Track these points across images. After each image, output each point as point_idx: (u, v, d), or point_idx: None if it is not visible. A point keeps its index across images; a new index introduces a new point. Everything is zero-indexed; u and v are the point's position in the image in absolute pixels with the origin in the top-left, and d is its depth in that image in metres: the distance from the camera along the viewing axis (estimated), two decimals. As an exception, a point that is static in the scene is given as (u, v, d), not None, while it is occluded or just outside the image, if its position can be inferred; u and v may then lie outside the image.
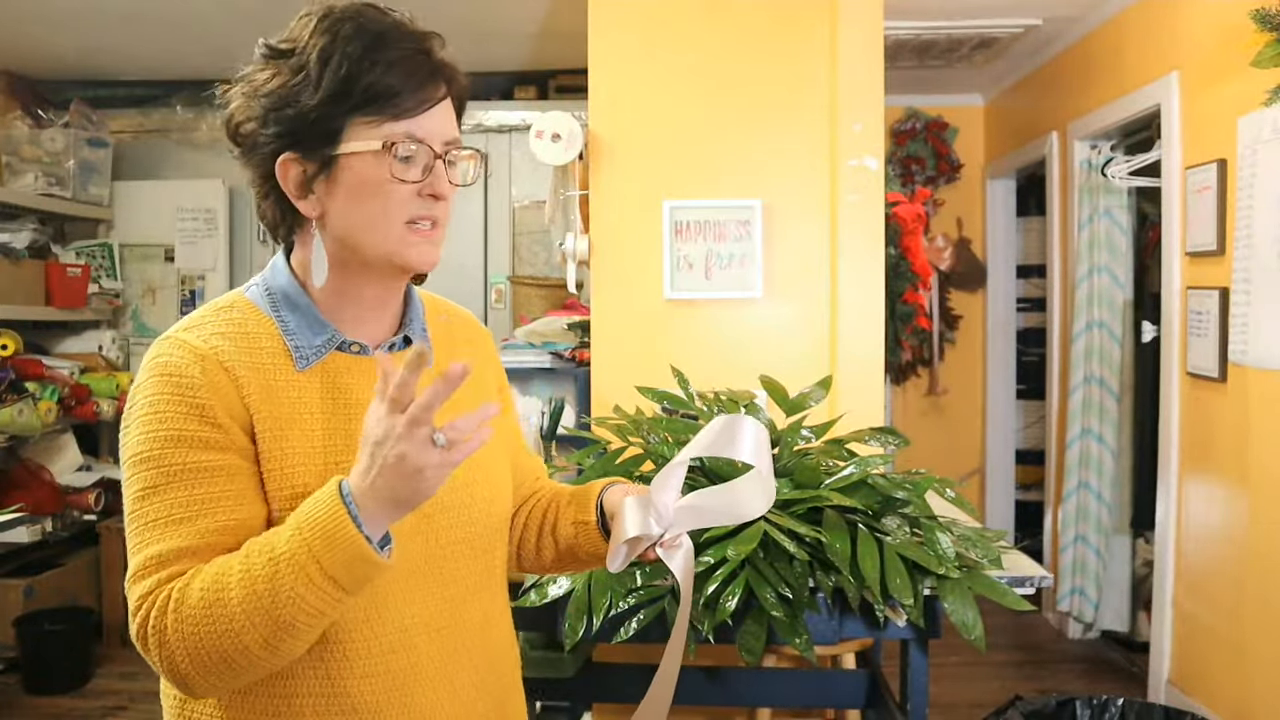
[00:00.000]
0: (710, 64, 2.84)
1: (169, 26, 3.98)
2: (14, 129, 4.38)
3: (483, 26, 4.01)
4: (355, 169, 1.05)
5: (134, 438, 1.03)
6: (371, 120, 1.05)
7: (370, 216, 1.07)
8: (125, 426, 1.05)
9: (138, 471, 1.01)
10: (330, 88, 1.04)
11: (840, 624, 1.99)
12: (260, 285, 1.14)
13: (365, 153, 1.05)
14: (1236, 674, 3.08)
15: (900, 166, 5.38)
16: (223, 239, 4.63)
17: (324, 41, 1.05)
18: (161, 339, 1.09)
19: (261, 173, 1.09)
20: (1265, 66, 2.62)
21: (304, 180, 1.07)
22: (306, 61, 1.05)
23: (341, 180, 1.06)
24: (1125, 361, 4.19)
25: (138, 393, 1.05)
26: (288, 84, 1.05)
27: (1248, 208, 2.95)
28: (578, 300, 3.43)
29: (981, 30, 4.15)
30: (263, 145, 1.07)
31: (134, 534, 1.01)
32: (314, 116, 1.04)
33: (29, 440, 4.12)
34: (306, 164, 1.06)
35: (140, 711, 3.70)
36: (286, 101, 1.05)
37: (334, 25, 1.06)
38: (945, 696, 3.57)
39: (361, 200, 1.06)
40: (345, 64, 1.04)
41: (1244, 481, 3.06)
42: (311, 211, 1.08)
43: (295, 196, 1.08)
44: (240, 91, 1.10)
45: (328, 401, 1.09)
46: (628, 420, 2.18)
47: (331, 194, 1.07)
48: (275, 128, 1.06)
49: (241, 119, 1.09)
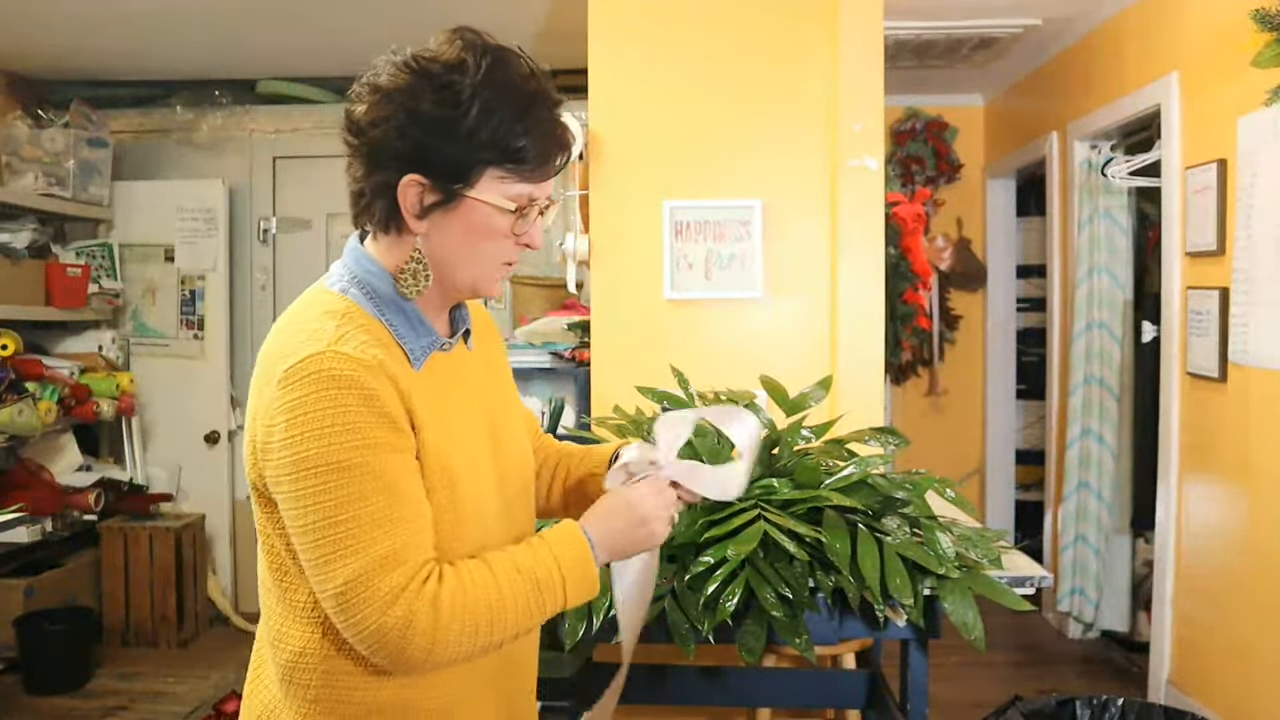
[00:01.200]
0: (710, 64, 2.84)
1: (169, 26, 3.98)
2: (14, 129, 4.38)
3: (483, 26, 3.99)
4: (479, 213, 1.15)
5: (322, 447, 1.06)
6: (506, 176, 1.14)
7: (476, 255, 1.17)
8: (298, 436, 1.07)
9: (337, 479, 1.06)
10: (483, 138, 1.11)
11: (840, 624, 1.99)
12: (357, 287, 1.18)
13: (493, 205, 1.14)
14: (1236, 674, 3.08)
15: (900, 166, 5.38)
16: (223, 239, 4.63)
17: (489, 90, 1.11)
18: (312, 355, 1.09)
19: (380, 179, 1.15)
20: (1265, 66, 2.62)
21: (423, 204, 1.14)
22: (466, 104, 1.11)
23: (460, 217, 1.15)
24: (1125, 361, 4.19)
25: (307, 404, 1.07)
26: (438, 115, 1.11)
27: (1248, 208, 2.95)
28: (578, 300, 3.43)
29: (981, 30, 4.15)
30: (392, 156, 1.13)
31: (348, 534, 1.06)
32: (455, 155, 1.12)
33: (29, 440, 4.12)
34: (431, 191, 1.13)
35: (140, 711, 3.70)
36: (433, 130, 1.11)
37: (499, 72, 1.13)
38: (945, 696, 3.57)
39: (475, 241, 1.16)
40: (504, 123, 1.12)
41: (1244, 481, 3.06)
42: (419, 230, 1.16)
43: (410, 215, 1.15)
44: (381, 99, 1.14)
45: (440, 395, 1.19)
46: (628, 420, 2.18)
47: (447, 224, 1.15)
48: (410, 147, 1.12)
49: (372, 120, 1.14)
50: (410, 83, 1.13)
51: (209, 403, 4.67)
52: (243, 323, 4.82)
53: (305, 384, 1.07)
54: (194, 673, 4.06)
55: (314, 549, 1.07)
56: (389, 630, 1.06)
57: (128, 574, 4.33)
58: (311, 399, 1.07)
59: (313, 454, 1.06)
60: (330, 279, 1.21)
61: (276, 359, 1.12)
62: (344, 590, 1.06)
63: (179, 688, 3.90)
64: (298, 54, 4.43)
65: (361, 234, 1.24)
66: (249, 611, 4.74)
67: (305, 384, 1.07)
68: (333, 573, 1.06)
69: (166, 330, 4.71)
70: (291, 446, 1.07)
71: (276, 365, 1.11)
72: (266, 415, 1.10)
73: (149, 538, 4.32)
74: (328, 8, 3.76)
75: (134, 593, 4.33)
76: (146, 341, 4.72)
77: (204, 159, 4.77)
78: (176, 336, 4.68)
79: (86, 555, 4.38)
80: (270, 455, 1.10)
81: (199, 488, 4.69)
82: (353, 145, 1.18)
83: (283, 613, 1.18)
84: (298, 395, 1.07)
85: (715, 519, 1.89)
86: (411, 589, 1.07)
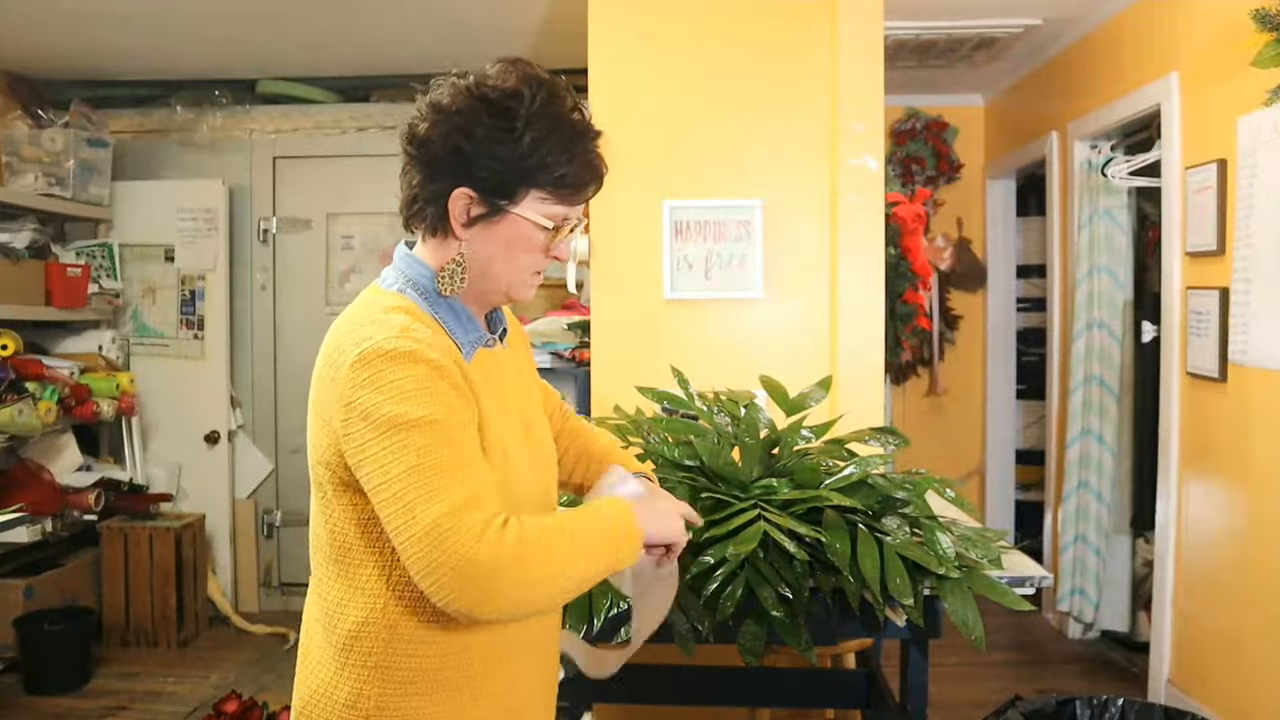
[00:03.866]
0: (710, 64, 2.84)
1: (169, 26, 3.98)
2: (14, 129, 4.38)
3: (483, 26, 4.01)
4: (519, 228, 1.29)
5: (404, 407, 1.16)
6: (546, 197, 1.28)
7: (512, 264, 1.31)
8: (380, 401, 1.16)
9: (419, 433, 1.16)
10: (532, 163, 1.25)
11: (840, 624, 1.99)
12: (411, 287, 1.30)
13: (533, 221, 1.28)
14: (1236, 674, 3.08)
15: (900, 166, 5.38)
16: (223, 239, 4.63)
17: (542, 120, 1.25)
18: (385, 338, 1.19)
19: (434, 188, 1.28)
20: (1265, 66, 2.61)
21: (470, 215, 1.28)
22: (520, 129, 1.24)
23: (503, 229, 1.29)
24: (1125, 361, 4.19)
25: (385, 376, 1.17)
26: (493, 137, 1.25)
27: (1248, 208, 2.95)
28: (578, 300, 3.43)
29: (981, 30, 4.15)
30: (445, 168, 1.26)
31: (434, 479, 1.15)
32: (504, 174, 1.26)
33: (29, 440, 4.12)
34: (478, 204, 1.27)
35: (140, 711, 3.70)
36: (488, 151, 1.25)
37: (551, 104, 1.27)
38: (945, 696, 3.57)
39: (513, 252, 1.30)
40: (551, 151, 1.26)
41: (1244, 481, 3.06)
42: (464, 236, 1.29)
43: (458, 224, 1.28)
44: (442, 117, 1.26)
45: (488, 385, 1.31)
46: (628, 420, 2.18)
47: (489, 235, 1.29)
48: (465, 164, 1.25)
49: (431, 135, 1.27)
50: (470, 105, 1.25)
51: (209, 403, 4.67)
52: (243, 323, 4.82)
53: (382, 361, 1.17)
54: (194, 673, 4.06)
55: (398, 499, 1.15)
56: (481, 561, 1.13)
57: (128, 574, 4.33)
58: (388, 371, 1.17)
59: (396, 413, 1.16)
60: (384, 282, 1.33)
61: (346, 348, 1.20)
62: (433, 527, 1.13)
63: (179, 688, 3.90)
64: (298, 54, 4.43)
65: (409, 243, 1.36)
66: (248, 611, 4.74)
67: (382, 361, 1.17)
68: (419, 515, 1.14)
69: (166, 330, 4.71)
70: (377, 410, 1.16)
71: (346, 353, 1.20)
72: (342, 398, 1.19)
73: (149, 538, 4.32)
74: (328, 8, 3.76)
75: (134, 593, 4.33)
76: (146, 341, 4.72)
77: (204, 159, 4.77)
78: (176, 336, 4.68)
79: (86, 555, 4.38)
80: (352, 429, 1.18)
81: (199, 488, 4.69)
82: (411, 155, 1.29)
83: (342, 590, 1.27)
84: (375, 370, 1.17)
85: (715, 519, 1.89)
86: (495, 524, 1.16)
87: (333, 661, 1.27)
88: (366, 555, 1.25)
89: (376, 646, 1.25)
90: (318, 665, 1.29)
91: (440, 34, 4.10)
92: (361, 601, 1.25)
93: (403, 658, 1.25)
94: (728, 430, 2.13)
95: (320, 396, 1.24)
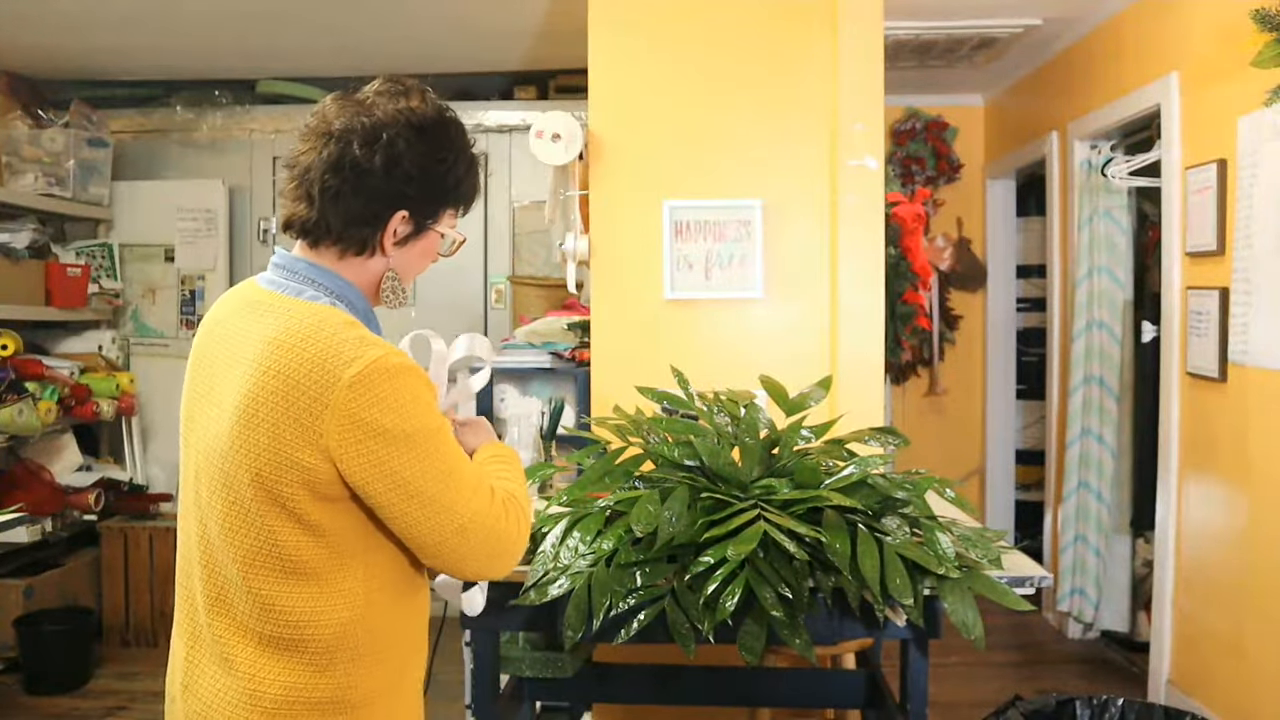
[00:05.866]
0: (710, 64, 2.84)
1: (169, 26, 3.98)
2: (14, 129, 4.37)
3: (483, 26, 4.01)
4: (430, 240, 1.45)
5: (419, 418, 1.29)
6: (455, 212, 1.47)
7: (416, 270, 1.48)
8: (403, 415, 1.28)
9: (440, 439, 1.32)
10: (460, 189, 1.43)
11: (840, 624, 1.99)
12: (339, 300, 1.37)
13: (440, 234, 1.45)
14: (1236, 674, 3.08)
15: (900, 166, 5.38)
16: (223, 239, 4.63)
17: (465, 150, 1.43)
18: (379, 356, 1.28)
19: (373, 210, 1.37)
20: (1265, 66, 2.61)
21: (397, 235, 1.40)
22: (453, 161, 1.40)
23: (420, 244, 1.44)
24: (1125, 361, 4.19)
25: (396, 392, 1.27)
26: (429, 168, 1.38)
27: (1248, 208, 2.95)
28: (578, 300, 3.43)
29: (981, 30, 4.15)
30: (386, 192, 1.36)
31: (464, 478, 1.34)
32: (439, 200, 1.42)
33: (29, 440, 4.12)
34: (410, 224, 1.40)
35: (140, 711, 3.70)
36: (427, 178, 1.38)
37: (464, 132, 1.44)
38: (945, 696, 3.57)
39: (423, 261, 1.47)
40: (472, 176, 1.46)
41: (1244, 481, 3.06)
42: (391, 253, 1.41)
43: (391, 242, 1.40)
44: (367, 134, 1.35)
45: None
46: (628, 420, 2.18)
47: (409, 248, 1.43)
48: (406, 188, 1.37)
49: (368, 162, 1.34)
50: (407, 133, 1.36)
51: (209, 403, 4.66)
52: (243, 323, 4.81)
53: (383, 377, 1.27)
54: (194, 673, 4.05)
55: (435, 502, 1.30)
56: (515, 534, 1.39)
57: (128, 574, 4.33)
58: (398, 386, 1.28)
59: (420, 425, 1.29)
60: (305, 294, 1.36)
61: (330, 369, 1.26)
62: (475, 517, 1.33)
63: (179, 688, 3.90)
64: (298, 54, 4.43)
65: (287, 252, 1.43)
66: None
67: (383, 377, 1.27)
68: (460, 509, 1.32)
69: (166, 330, 4.71)
70: (396, 426, 1.27)
71: (336, 373, 1.25)
72: (345, 416, 1.25)
73: (149, 538, 4.32)
74: (328, 8, 3.76)
75: (134, 593, 4.33)
76: (146, 341, 4.72)
77: (204, 159, 4.77)
78: (176, 336, 4.68)
79: (86, 555, 4.38)
80: (366, 446, 1.26)
81: (199, 488, 4.68)
82: (344, 178, 1.35)
83: (310, 600, 1.31)
84: (384, 388, 1.26)
85: (715, 519, 1.89)
86: (500, 499, 1.38)
87: (307, 667, 1.32)
88: (351, 560, 1.33)
89: (361, 642, 1.34)
90: (283, 671, 1.31)
91: (440, 34, 4.10)
92: (341, 605, 1.32)
93: (379, 647, 1.36)
94: (728, 430, 2.13)
95: (275, 417, 1.26)
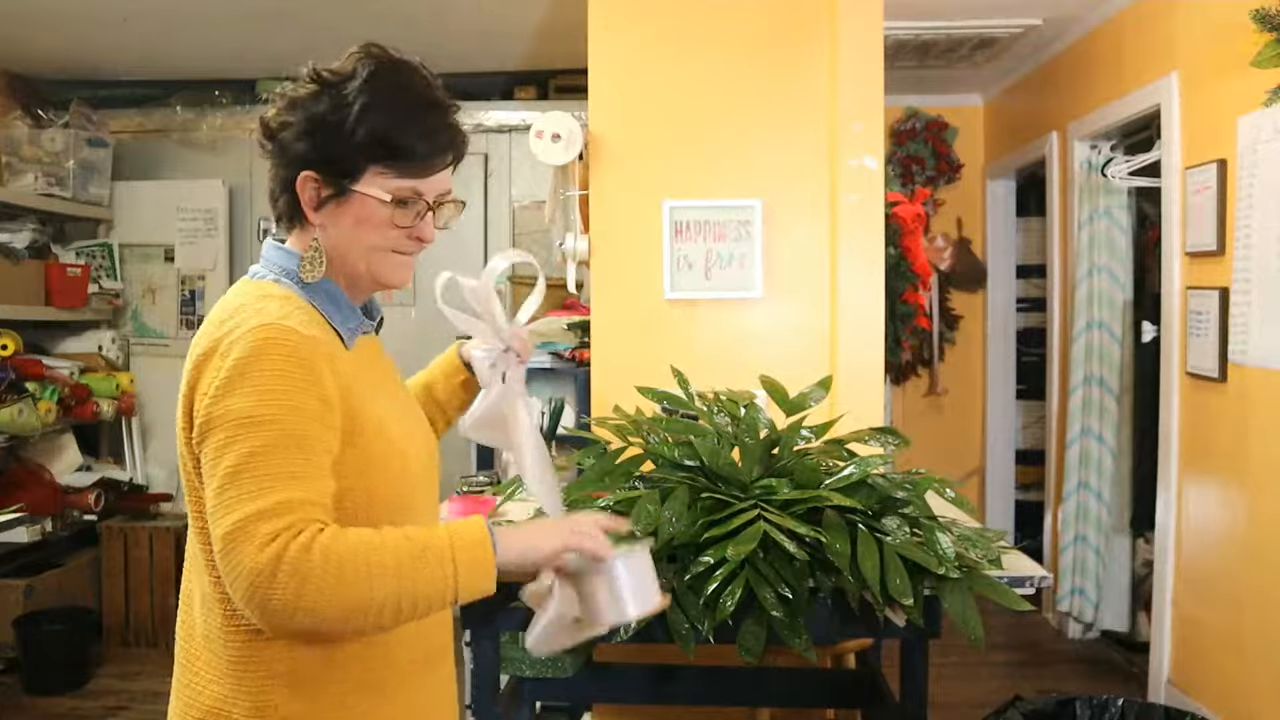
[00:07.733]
0: (710, 64, 2.84)
1: (169, 26, 3.98)
2: (14, 129, 4.38)
3: (483, 26, 4.01)
4: (364, 206, 1.26)
5: (247, 401, 1.13)
6: (386, 172, 1.25)
7: (363, 244, 1.28)
8: (228, 390, 1.14)
9: (253, 430, 1.12)
10: (364, 137, 1.23)
11: (840, 624, 1.99)
12: (285, 275, 1.28)
13: (375, 197, 1.25)
14: (1236, 674, 3.08)
15: (900, 166, 5.38)
16: (223, 239, 4.63)
17: (369, 94, 1.24)
18: (259, 325, 1.17)
19: (284, 176, 1.28)
20: (1265, 66, 2.62)
21: (318, 199, 1.27)
22: (350, 104, 1.24)
23: (350, 210, 1.27)
24: (1125, 361, 4.19)
25: (248, 363, 1.14)
26: (327, 116, 1.24)
27: (1248, 208, 2.95)
28: (578, 300, 3.43)
29: (981, 30, 4.15)
30: (291, 155, 1.26)
31: (250, 481, 1.11)
32: (341, 152, 1.24)
33: (29, 440, 4.12)
34: (324, 186, 1.26)
35: (140, 711, 3.70)
36: (322, 130, 1.24)
37: (382, 79, 1.25)
38: (945, 696, 3.57)
39: (362, 231, 1.27)
40: (383, 122, 1.24)
41: (1244, 481, 3.06)
42: (317, 221, 1.28)
43: (309, 208, 1.27)
44: (284, 102, 1.28)
45: (368, 373, 1.31)
46: (628, 420, 2.18)
47: (339, 217, 1.27)
48: (305, 147, 1.25)
49: (277, 125, 1.27)
50: (311, 91, 1.26)
51: (209, 403, 4.67)
52: (243, 323, 4.82)
53: (250, 348, 1.15)
54: (194, 673, 4.05)
55: (217, 495, 1.11)
56: (260, 570, 1.07)
57: (128, 574, 4.33)
58: (252, 360, 1.14)
59: (237, 408, 1.13)
60: (256, 274, 1.31)
61: (219, 337, 1.18)
62: (230, 532, 1.09)
63: (179, 688, 3.90)
64: (298, 54, 4.41)
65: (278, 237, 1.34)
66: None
67: (250, 348, 1.15)
68: (226, 518, 1.10)
69: (166, 330, 4.71)
70: (221, 402, 1.13)
71: (220, 341, 1.17)
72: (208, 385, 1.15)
73: (149, 538, 4.32)
74: (328, 8, 3.76)
75: (134, 593, 4.33)
76: (146, 341, 4.72)
77: (204, 159, 4.77)
78: (176, 336, 4.69)
79: (86, 555, 4.38)
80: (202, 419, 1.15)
81: (199, 488, 4.69)
82: (266, 149, 1.30)
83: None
84: (240, 356, 1.14)
85: (715, 519, 1.89)
86: (289, 533, 1.09)
87: (227, 676, 1.19)
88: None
89: (279, 653, 1.19)
90: (209, 682, 1.21)
91: (440, 34, 4.10)
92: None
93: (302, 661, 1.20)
94: (728, 430, 2.13)
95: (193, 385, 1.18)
